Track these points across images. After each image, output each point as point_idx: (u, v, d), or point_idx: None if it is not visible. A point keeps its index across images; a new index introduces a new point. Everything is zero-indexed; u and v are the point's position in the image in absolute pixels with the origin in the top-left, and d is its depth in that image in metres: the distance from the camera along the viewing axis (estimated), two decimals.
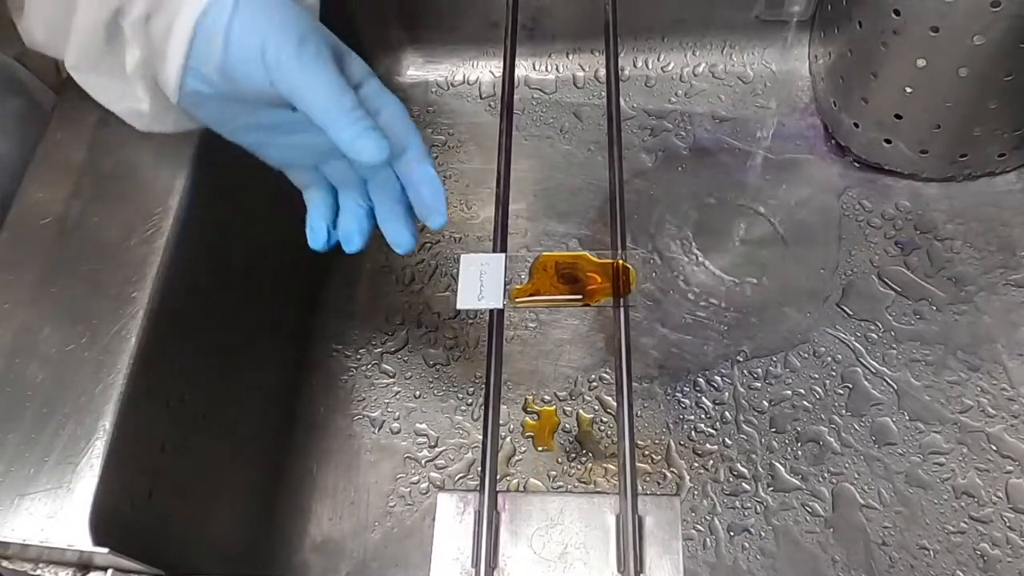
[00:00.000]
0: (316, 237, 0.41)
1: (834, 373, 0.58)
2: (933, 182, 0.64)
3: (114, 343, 0.40)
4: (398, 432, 0.58)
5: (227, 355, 0.51)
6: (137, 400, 0.40)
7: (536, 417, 0.58)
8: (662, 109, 0.70)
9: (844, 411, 0.56)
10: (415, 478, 0.56)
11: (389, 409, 0.59)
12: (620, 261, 0.40)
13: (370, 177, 0.41)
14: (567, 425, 0.57)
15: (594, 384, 0.59)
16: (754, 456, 0.55)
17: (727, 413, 0.57)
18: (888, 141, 0.62)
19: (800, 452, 0.55)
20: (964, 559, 0.51)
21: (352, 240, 0.41)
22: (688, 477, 0.55)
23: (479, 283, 0.39)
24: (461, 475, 0.57)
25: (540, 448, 0.57)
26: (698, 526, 0.53)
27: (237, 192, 0.51)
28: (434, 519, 0.36)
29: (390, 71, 0.75)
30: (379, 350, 0.61)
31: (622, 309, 0.39)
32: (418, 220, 0.41)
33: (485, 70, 0.74)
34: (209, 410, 0.48)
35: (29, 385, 0.39)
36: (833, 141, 0.66)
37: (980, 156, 0.61)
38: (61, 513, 0.36)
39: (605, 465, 0.56)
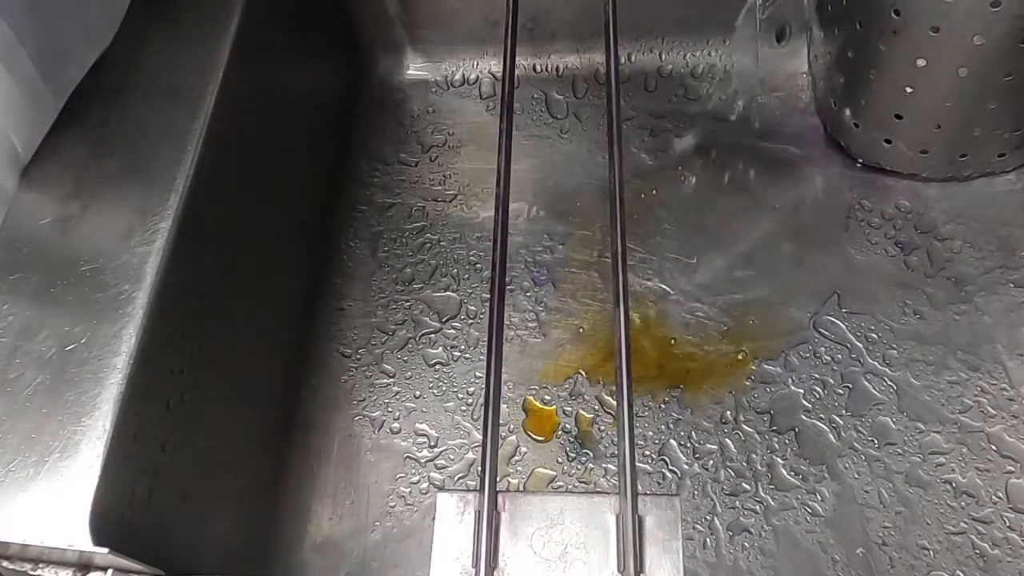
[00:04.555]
0: None
1: (834, 373, 0.58)
2: (933, 182, 0.64)
3: (114, 343, 0.40)
4: (398, 432, 0.58)
5: (227, 355, 0.51)
6: (137, 400, 0.40)
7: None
8: (662, 109, 0.70)
9: (844, 411, 0.56)
10: (415, 478, 0.56)
11: (389, 409, 0.59)
12: None
13: None
14: (567, 425, 0.57)
15: (594, 384, 0.59)
16: (754, 456, 0.55)
17: (727, 412, 0.57)
18: (888, 141, 0.62)
19: (800, 452, 0.55)
20: (964, 559, 0.51)
21: None
22: (688, 477, 0.55)
23: None
24: (461, 475, 0.57)
25: (540, 438, 0.57)
26: (698, 526, 0.53)
27: (237, 192, 0.51)
28: (434, 519, 0.36)
29: (390, 71, 0.75)
30: (379, 350, 0.61)
31: (621, 309, 0.39)
32: None
33: (485, 70, 0.74)
34: (209, 410, 0.48)
35: (29, 385, 0.39)
36: (833, 141, 0.66)
37: (980, 156, 0.61)
38: (61, 513, 0.36)
39: (605, 465, 0.56)
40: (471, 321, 0.62)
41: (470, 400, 0.59)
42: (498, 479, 0.40)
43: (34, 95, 0.44)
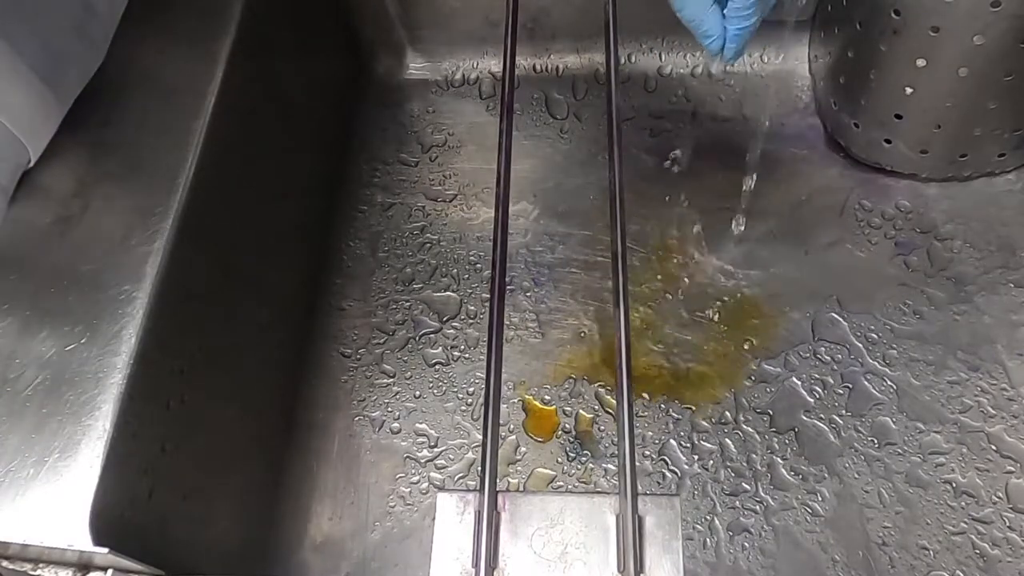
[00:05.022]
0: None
1: (834, 373, 0.58)
2: (933, 182, 0.64)
3: (114, 343, 0.40)
4: (398, 432, 0.58)
5: (227, 355, 0.51)
6: (137, 400, 0.40)
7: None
8: (662, 109, 0.70)
9: (844, 411, 0.56)
10: (415, 478, 0.56)
11: (389, 409, 0.59)
12: None
13: None
14: (567, 425, 0.57)
15: (594, 384, 0.59)
16: (754, 456, 0.55)
17: (727, 412, 0.57)
18: (888, 141, 0.62)
19: (800, 452, 0.55)
20: (964, 559, 0.51)
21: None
22: (688, 477, 0.55)
23: None
24: (461, 475, 0.57)
25: (540, 438, 0.57)
26: (698, 526, 0.53)
27: (237, 192, 0.51)
28: (434, 519, 0.36)
29: (390, 71, 0.75)
30: (379, 350, 0.61)
31: (621, 309, 0.39)
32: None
33: (485, 70, 0.74)
34: (209, 410, 0.48)
35: (29, 385, 0.39)
36: (833, 141, 0.66)
37: (980, 156, 0.61)
38: (61, 513, 0.36)
39: (605, 465, 0.56)
40: (471, 321, 0.62)
41: (470, 400, 0.59)
42: (498, 479, 0.40)
43: (39, 99, 0.44)
